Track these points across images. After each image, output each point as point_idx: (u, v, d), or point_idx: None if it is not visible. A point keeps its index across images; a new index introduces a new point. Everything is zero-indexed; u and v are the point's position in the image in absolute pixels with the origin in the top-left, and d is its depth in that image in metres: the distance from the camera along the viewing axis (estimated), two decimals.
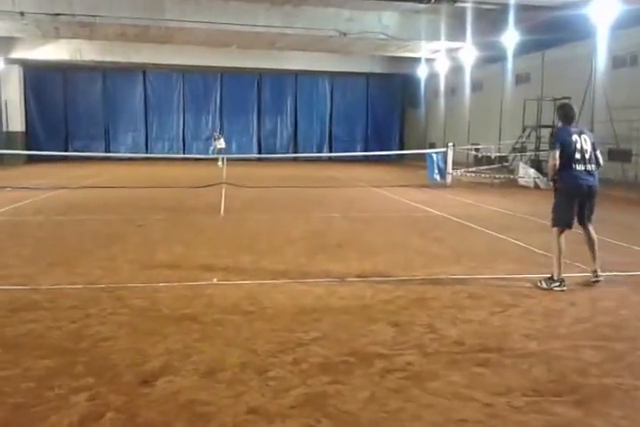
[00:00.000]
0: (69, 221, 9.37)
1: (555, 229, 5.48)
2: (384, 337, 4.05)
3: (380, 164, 28.12)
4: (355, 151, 30.76)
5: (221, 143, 24.93)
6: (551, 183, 5.61)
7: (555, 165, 5.36)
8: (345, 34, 19.33)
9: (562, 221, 5.46)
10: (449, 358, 3.67)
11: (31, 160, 24.79)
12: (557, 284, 5.32)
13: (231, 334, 4.07)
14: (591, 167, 5.43)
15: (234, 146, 30.91)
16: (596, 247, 5.61)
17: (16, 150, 22.96)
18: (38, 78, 28.39)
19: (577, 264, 6.32)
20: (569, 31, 16.35)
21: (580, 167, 5.37)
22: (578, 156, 5.35)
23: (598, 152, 5.54)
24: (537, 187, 15.70)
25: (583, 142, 5.40)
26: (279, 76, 30.68)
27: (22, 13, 16.32)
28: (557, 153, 5.34)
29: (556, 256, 5.43)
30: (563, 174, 5.39)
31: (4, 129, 26.25)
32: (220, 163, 22.82)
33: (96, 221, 9.39)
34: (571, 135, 5.40)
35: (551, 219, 5.54)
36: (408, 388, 3.24)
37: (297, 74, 30.55)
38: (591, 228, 5.63)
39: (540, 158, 17.56)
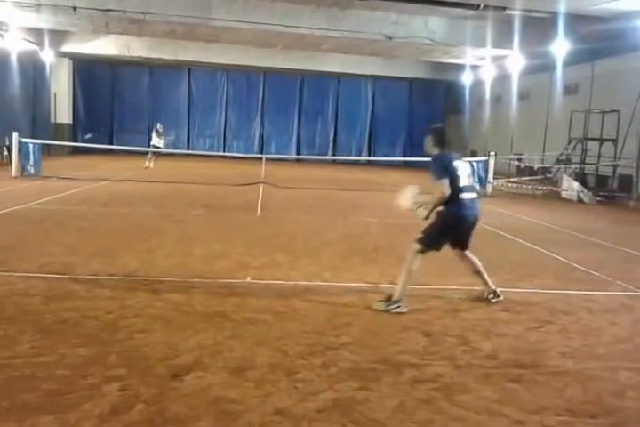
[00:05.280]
0: (111, 213, 9.57)
1: (417, 247, 4.89)
2: (415, 346, 4.01)
3: (419, 170, 27.79)
4: (394, 156, 30.56)
5: (159, 141, 20.26)
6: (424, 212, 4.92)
7: (445, 196, 4.79)
8: (390, 38, 19.21)
9: (433, 245, 4.94)
10: (481, 372, 3.60)
11: (76, 152, 25.44)
12: (396, 306, 4.78)
13: (262, 334, 4.08)
14: (475, 195, 5.04)
15: (273, 146, 31.13)
16: (482, 269, 5.18)
17: (63, 141, 23.57)
18: (87, 72, 29.07)
19: (619, 282, 6.15)
20: (621, 42, 15.90)
21: (467, 196, 4.94)
22: (463, 183, 4.92)
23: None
24: (580, 201, 15.32)
25: (466, 169, 5.03)
26: (321, 78, 30.74)
27: (75, 8, 16.74)
28: (447, 182, 4.80)
29: (406, 277, 4.86)
30: (449, 203, 4.86)
31: (53, 120, 27.01)
32: (147, 162, 19.36)
33: (136, 214, 9.57)
34: (453, 161, 4.96)
35: (421, 237, 4.94)
36: (437, 399, 3.19)
37: (339, 76, 30.53)
38: (469, 253, 5.19)
39: (586, 172, 17.15)
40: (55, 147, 22.02)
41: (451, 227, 4.99)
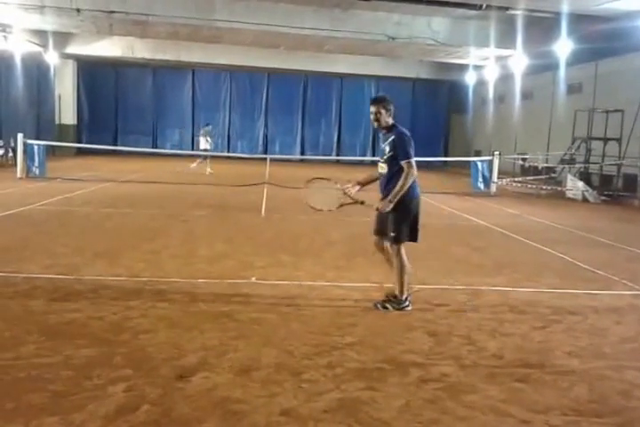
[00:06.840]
0: (115, 214, 9.58)
1: (396, 246, 4.75)
2: (421, 346, 4.00)
3: (423, 170, 27.79)
4: None
5: (205, 143, 20.22)
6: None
7: (414, 177, 4.58)
8: (393, 38, 19.23)
9: (405, 236, 4.76)
10: (487, 372, 3.59)
11: (81, 153, 25.54)
12: (407, 303, 4.78)
13: (267, 334, 4.08)
14: None
15: (277, 146, 31.19)
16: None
17: (67, 143, 23.66)
18: (91, 73, 29.21)
19: (624, 282, 6.12)
20: (624, 42, 15.86)
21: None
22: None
23: None
24: (585, 200, 15.28)
25: None
26: (325, 78, 30.76)
27: (78, 10, 16.84)
28: (414, 161, 4.57)
29: (401, 273, 4.73)
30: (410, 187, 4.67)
31: (57, 122, 27.11)
32: (194, 165, 19.02)
33: (141, 215, 9.58)
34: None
35: (394, 235, 4.72)
36: (443, 399, 3.18)
37: (342, 77, 30.55)
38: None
39: (590, 171, 17.09)
40: (60, 148, 22.11)
41: (414, 211, 4.78)
